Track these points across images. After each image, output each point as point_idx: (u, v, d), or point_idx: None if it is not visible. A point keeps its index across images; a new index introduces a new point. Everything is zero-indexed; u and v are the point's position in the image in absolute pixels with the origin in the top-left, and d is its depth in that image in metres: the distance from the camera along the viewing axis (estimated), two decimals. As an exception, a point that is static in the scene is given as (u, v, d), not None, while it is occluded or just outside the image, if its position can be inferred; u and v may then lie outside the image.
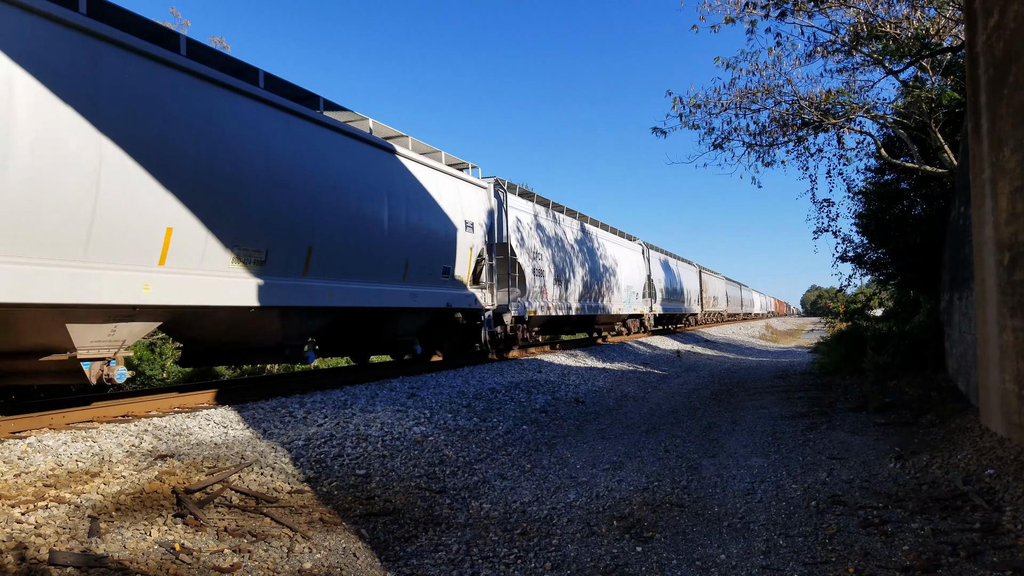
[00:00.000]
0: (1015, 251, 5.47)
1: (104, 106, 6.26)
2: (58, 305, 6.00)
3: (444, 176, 12.66)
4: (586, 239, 20.72)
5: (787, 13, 11.45)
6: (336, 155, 9.59)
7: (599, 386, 12.98)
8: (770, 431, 8.27)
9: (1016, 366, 5.45)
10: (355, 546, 4.62)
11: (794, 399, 10.94)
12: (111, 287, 6.34)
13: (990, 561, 3.84)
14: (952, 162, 11.83)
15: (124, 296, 6.46)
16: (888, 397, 9.51)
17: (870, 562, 4.01)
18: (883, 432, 7.67)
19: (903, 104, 13.04)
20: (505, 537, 4.86)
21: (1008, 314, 5.65)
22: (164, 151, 6.85)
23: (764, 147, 13.57)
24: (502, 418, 9.09)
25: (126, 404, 7.48)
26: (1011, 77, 5.44)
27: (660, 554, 4.42)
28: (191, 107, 7.23)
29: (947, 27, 11.27)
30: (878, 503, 5.10)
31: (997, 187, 5.86)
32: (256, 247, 8.05)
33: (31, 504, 4.25)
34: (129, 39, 6.57)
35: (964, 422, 6.99)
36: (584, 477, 6.45)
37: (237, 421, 7.08)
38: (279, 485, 5.60)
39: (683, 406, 10.84)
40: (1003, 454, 5.48)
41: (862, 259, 16.29)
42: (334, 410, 8.01)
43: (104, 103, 6.27)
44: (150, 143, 6.70)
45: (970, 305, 7.56)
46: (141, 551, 3.94)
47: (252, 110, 8.12)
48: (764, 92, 12.98)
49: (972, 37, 6.59)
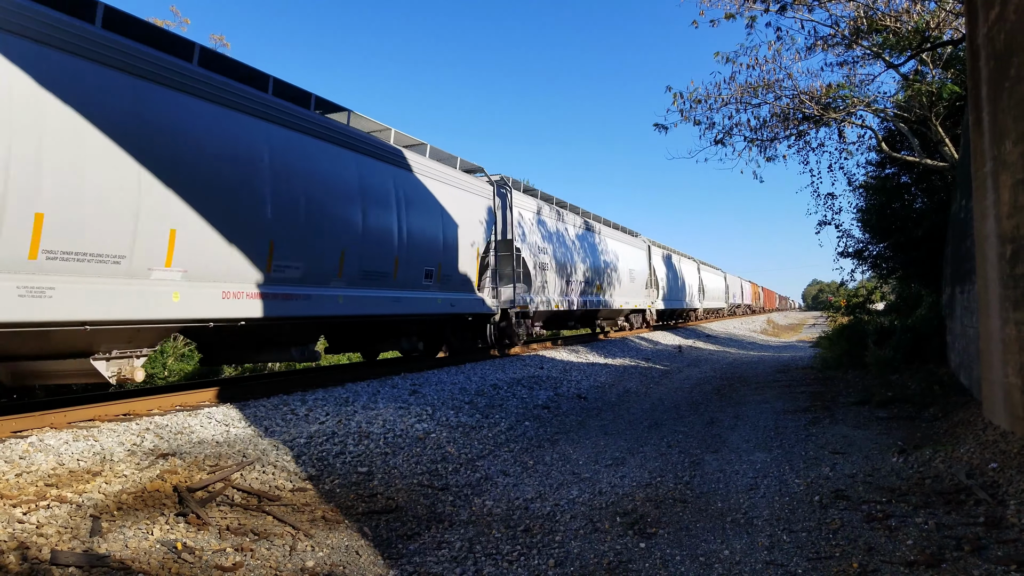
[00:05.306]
0: (1017, 244, 5.45)
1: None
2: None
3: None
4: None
5: (787, 7, 11.41)
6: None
7: (601, 382, 12.97)
8: (772, 426, 8.26)
9: (1019, 360, 5.43)
10: (358, 544, 4.61)
11: (796, 394, 10.93)
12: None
13: (994, 555, 3.83)
14: (953, 155, 11.80)
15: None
16: (890, 391, 9.50)
17: (874, 557, 4.00)
18: (886, 426, 7.66)
19: (904, 98, 13.02)
20: (508, 534, 4.85)
21: (1011, 307, 5.63)
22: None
23: (765, 142, 13.55)
24: (504, 415, 9.09)
25: (127, 403, 7.47)
26: (1012, 70, 5.41)
27: (663, 550, 4.41)
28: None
29: (947, 20, 11.23)
30: (881, 497, 5.09)
31: (999, 180, 5.83)
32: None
33: (33, 503, 4.25)
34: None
35: (967, 416, 6.97)
36: (587, 473, 6.44)
37: (239, 419, 7.07)
38: (281, 483, 5.60)
39: (685, 401, 10.84)
40: (1006, 448, 5.47)
41: (862, 254, 16.28)
42: (336, 407, 8.00)
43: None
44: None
45: (972, 299, 7.54)
46: (143, 550, 3.94)
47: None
48: (764, 87, 12.96)
49: (973, 30, 6.56)
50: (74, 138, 6.16)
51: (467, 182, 13.49)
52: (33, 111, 5.85)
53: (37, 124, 5.87)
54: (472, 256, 13.23)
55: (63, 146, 6.07)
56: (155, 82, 7.00)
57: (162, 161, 6.99)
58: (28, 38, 5.83)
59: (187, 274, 7.28)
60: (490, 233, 14.08)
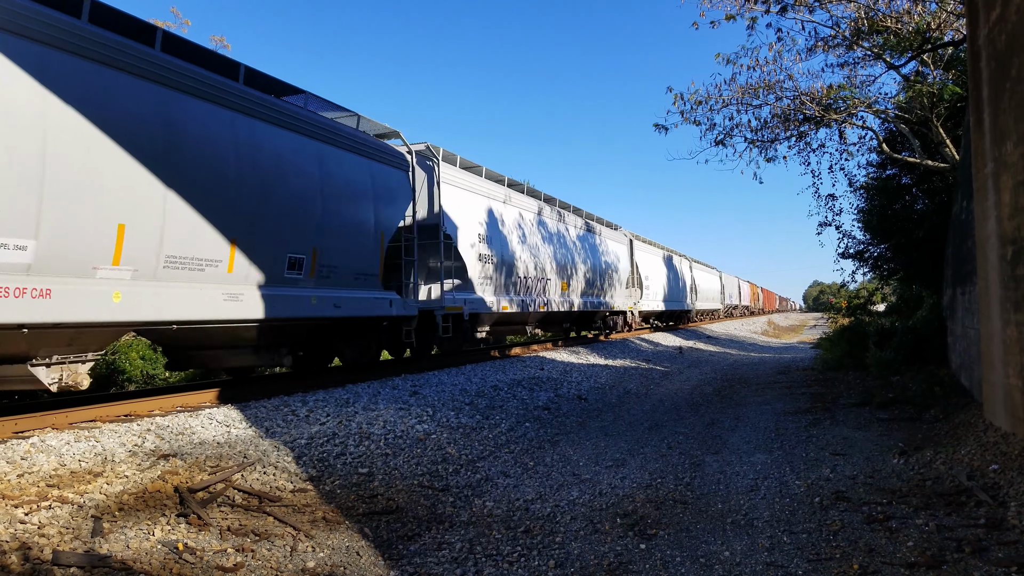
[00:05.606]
0: (1018, 245, 5.45)
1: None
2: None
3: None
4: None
5: (788, 8, 11.41)
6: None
7: (601, 383, 12.97)
8: (773, 427, 8.26)
9: (1020, 361, 5.43)
10: (358, 545, 4.62)
11: (797, 395, 10.93)
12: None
13: (995, 557, 3.83)
14: (954, 156, 11.79)
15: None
16: (891, 393, 9.49)
17: (875, 558, 4.00)
18: (886, 428, 7.66)
19: (904, 99, 13.01)
20: (508, 535, 4.85)
21: (1012, 309, 5.62)
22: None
23: (766, 143, 13.55)
24: (505, 415, 9.09)
25: (128, 404, 7.49)
26: (1013, 71, 5.41)
27: (664, 551, 4.41)
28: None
29: (948, 21, 11.23)
30: (882, 499, 5.09)
31: (1000, 181, 5.83)
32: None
33: (34, 504, 4.25)
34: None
35: (968, 417, 6.97)
36: (587, 474, 6.44)
37: (240, 420, 7.08)
38: (282, 484, 5.60)
39: (686, 402, 10.83)
40: (1007, 449, 5.47)
41: (863, 256, 16.27)
42: (336, 408, 8.01)
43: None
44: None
45: (973, 300, 7.53)
46: (144, 551, 3.94)
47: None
48: (765, 88, 12.96)
49: (974, 31, 6.56)
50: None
51: (371, 147, 10.72)
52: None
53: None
54: (374, 242, 10.47)
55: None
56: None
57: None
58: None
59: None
60: (404, 215, 11.50)
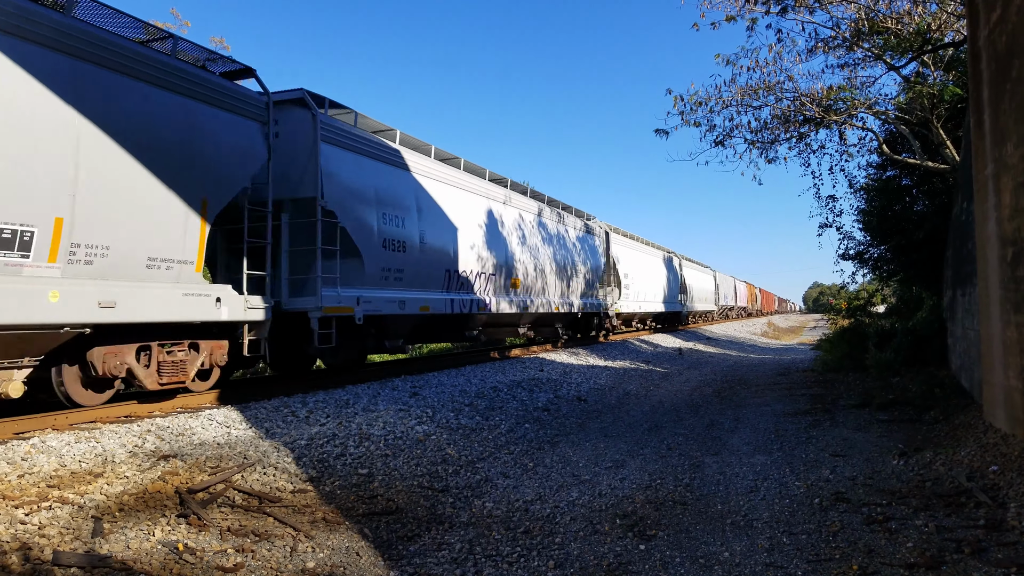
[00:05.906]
0: (1018, 247, 5.45)
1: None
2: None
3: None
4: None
5: (788, 9, 11.42)
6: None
7: (601, 384, 12.97)
8: (773, 428, 8.26)
9: (1020, 362, 5.43)
10: (358, 545, 4.62)
11: (797, 396, 10.93)
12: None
13: (995, 558, 3.83)
14: (954, 158, 11.80)
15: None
16: (891, 394, 9.50)
17: (874, 559, 4.00)
18: (886, 429, 7.66)
19: (905, 100, 13.02)
20: (508, 536, 4.85)
21: (1012, 310, 5.63)
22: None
23: (766, 144, 13.55)
24: (504, 416, 9.09)
25: (129, 405, 7.49)
26: (1014, 72, 5.42)
27: (663, 552, 4.41)
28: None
29: (949, 22, 11.24)
30: (882, 500, 5.09)
31: (1000, 183, 5.83)
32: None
33: (35, 505, 4.26)
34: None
35: (968, 418, 6.97)
36: (587, 475, 6.44)
37: (240, 421, 7.08)
38: (282, 485, 5.60)
39: (685, 404, 10.83)
40: (1007, 450, 5.47)
41: (863, 257, 16.28)
42: (336, 409, 8.01)
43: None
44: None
45: (973, 301, 7.54)
46: (144, 551, 3.95)
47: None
48: (765, 89, 12.96)
49: (974, 32, 6.57)
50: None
51: (190, 81, 7.45)
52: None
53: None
54: (183, 215, 7.38)
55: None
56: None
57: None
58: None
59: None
60: (250, 179, 8.38)
